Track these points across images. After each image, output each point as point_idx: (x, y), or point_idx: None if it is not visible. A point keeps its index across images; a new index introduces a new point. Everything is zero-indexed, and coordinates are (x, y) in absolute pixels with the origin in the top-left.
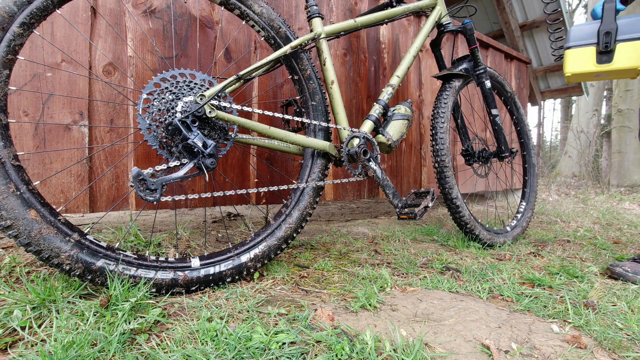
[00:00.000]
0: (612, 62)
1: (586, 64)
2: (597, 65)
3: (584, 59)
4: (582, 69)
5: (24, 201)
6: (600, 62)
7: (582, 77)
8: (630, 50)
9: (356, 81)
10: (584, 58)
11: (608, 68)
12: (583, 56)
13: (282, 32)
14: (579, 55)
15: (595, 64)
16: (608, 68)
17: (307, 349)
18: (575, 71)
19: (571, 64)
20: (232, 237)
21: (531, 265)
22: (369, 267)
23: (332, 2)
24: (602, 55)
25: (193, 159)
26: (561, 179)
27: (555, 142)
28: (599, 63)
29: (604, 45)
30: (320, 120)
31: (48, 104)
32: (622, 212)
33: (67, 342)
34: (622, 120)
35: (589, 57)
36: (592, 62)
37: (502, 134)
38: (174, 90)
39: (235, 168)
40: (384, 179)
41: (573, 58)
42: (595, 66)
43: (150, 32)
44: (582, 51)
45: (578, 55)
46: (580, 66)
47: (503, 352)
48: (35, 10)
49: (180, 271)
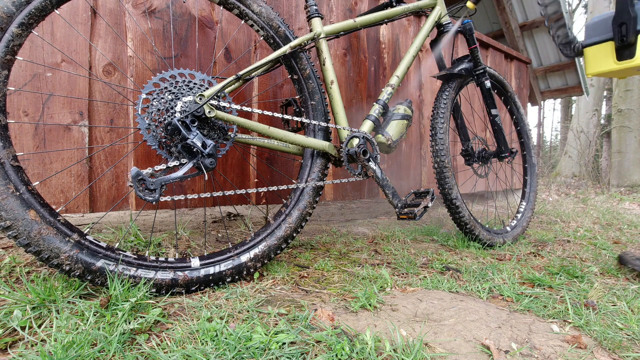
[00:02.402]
0: (635, 57)
1: (607, 63)
2: (618, 63)
3: (604, 57)
4: (604, 69)
5: (24, 202)
6: (621, 59)
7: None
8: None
9: (356, 81)
10: (604, 55)
11: (631, 64)
12: (602, 53)
13: (281, 32)
14: (597, 53)
15: (616, 61)
16: (631, 64)
17: (307, 349)
18: (597, 72)
19: (591, 65)
20: (232, 237)
21: (531, 265)
22: (369, 267)
23: (332, 2)
24: (622, 51)
25: (192, 159)
26: (561, 179)
27: (555, 142)
28: (619, 60)
29: (620, 39)
30: (320, 120)
31: (48, 104)
32: (622, 212)
33: (67, 342)
34: (622, 120)
35: (608, 53)
36: (612, 59)
37: (502, 134)
38: (173, 90)
39: (235, 168)
40: (383, 179)
41: (592, 57)
42: (617, 64)
43: (150, 32)
44: (600, 48)
45: (596, 53)
46: (601, 65)
47: (503, 352)
48: (34, 11)
49: (180, 271)
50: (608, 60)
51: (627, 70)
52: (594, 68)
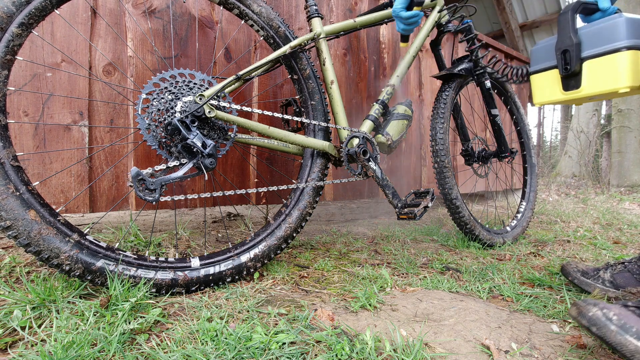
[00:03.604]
0: (581, 88)
1: (553, 92)
2: (564, 93)
3: (550, 86)
4: (551, 98)
5: (24, 202)
6: (567, 89)
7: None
8: (600, 69)
9: (356, 81)
10: (550, 84)
11: (577, 95)
12: (548, 82)
13: (281, 32)
14: (544, 82)
15: (562, 90)
16: (577, 95)
17: (307, 349)
18: (544, 101)
19: (538, 94)
20: (232, 237)
21: (531, 265)
22: (369, 267)
23: (332, 2)
24: (568, 80)
25: (192, 159)
26: (561, 179)
27: (555, 142)
28: (565, 90)
29: (564, 68)
30: (320, 120)
31: (48, 104)
32: (622, 212)
33: (67, 342)
34: (622, 120)
35: (554, 82)
36: (559, 89)
37: (502, 134)
38: (173, 90)
39: (235, 168)
40: (383, 179)
41: (539, 85)
42: (564, 94)
43: (150, 32)
44: (547, 76)
45: (543, 81)
46: (548, 95)
47: (503, 352)
48: (34, 11)
49: (180, 271)
50: (554, 90)
51: (576, 100)
52: (541, 97)
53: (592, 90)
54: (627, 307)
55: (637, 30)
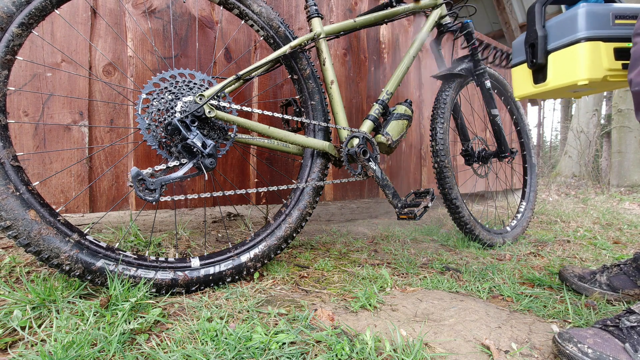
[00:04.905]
0: (547, 81)
1: (527, 85)
2: (535, 86)
3: (525, 79)
4: (526, 92)
5: (24, 202)
6: (536, 82)
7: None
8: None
9: (356, 81)
10: (524, 78)
11: (545, 89)
12: (523, 75)
13: (281, 32)
14: (519, 75)
15: (533, 84)
16: (545, 89)
17: (307, 349)
18: (521, 94)
19: (516, 87)
20: (232, 237)
21: (531, 265)
22: (369, 267)
23: (332, 2)
24: (537, 74)
25: (192, 159)
26: (561, 179)
27: (555, 142)
28: (535, 83)
29: (530, 61)
30: (320, 120)
31: (48, 104)
32: (622, 212)
33: (67, 342)
34: (622, 120)
35: (527, 76)
36: (530, 83)
37: (502, 134)
38: (173, 90)
39: (235, 168)
40: (383, 179)
41: (517, 78)
42: (534, 87)
43: (150, 32)
44: (522, 70)
45: (519, 74)
46: (523, 88)
47: (503, 352)
48: (34, 11)
49: (180, 271)
50: (527, 83)
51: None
52: (518, 91)
53: (556, 83)
54: (605, 328)
55: (597, 20)
